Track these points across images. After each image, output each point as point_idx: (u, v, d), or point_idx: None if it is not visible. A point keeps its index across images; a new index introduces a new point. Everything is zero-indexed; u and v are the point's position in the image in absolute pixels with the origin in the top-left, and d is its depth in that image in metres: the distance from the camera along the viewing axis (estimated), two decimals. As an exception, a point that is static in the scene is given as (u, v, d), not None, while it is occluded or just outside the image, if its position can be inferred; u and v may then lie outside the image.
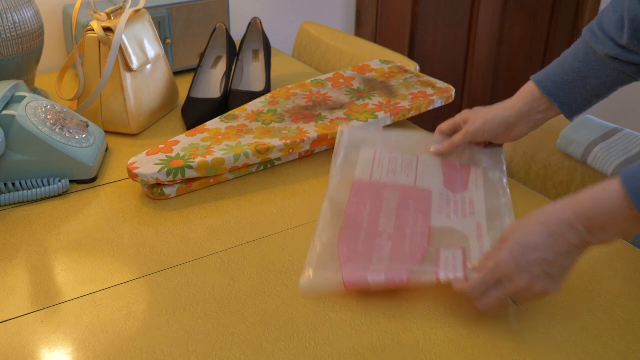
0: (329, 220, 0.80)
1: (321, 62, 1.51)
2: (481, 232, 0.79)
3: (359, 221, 0.80)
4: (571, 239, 0.65)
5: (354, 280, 0.70)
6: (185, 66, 1.36)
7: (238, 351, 0.66)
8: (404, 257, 0.75)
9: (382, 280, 0.70)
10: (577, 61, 0.87)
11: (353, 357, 0.65)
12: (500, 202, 0.86)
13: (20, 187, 0.91)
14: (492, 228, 0.80)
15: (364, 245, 0.76)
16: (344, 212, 0.81)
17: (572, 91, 0.87)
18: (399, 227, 0.80)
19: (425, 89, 1.14)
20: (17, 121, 0.90)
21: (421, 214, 0.82)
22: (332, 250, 0.75)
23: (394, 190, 0.86)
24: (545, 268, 0.65)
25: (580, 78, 0.87)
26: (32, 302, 0.72)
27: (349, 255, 0.74)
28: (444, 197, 0.86)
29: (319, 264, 0.73)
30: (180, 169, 0.90)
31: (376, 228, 0.79)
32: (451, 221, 0.81)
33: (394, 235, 0.78)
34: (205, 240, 0.83)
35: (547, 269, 0.66)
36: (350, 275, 0.71)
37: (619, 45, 0.83)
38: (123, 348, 0.66)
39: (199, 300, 0.73)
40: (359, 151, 0.93)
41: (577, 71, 0.87)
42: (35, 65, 1.11)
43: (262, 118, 1.04)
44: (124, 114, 1.07)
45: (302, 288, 0.71)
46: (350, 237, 0.77)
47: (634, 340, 0.68)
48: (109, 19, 1.07)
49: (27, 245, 0.82)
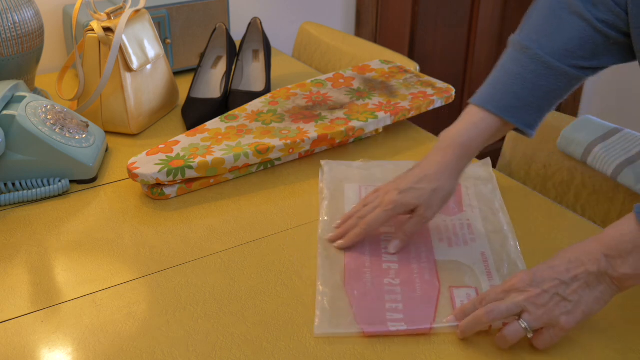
0: (329, 266, 0.77)
1: (321, 62, 1.51)
2: (487, 264, 0.78)
3: (360, 261, 0.78)
4: (589, 266, 0.63)
5: (374, 331, 0.68)
6: (185, 66, 1.36)
7: (238, 351, 0.66)
8: (418, 299, 0.72)
9: (404, 329, 0.68)
10: (527, 72, 0.79)
11: (353, 357, 0.65)
12: (499, 219, 0.85)
13: (20, 187, 0.91)
14: (498, 259, 0.78)
15: (373, 286, 0.74)
16: (343, 254, 0.79)
17: (536, 111, 0.80)
18: (404, 262, 0.78)
19: (425, 89, 1.14)
20: (17, 121, 0.90)
21: (422, 245, 0.81)
22: (341, 294, 0.72)
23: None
24: (559, 290, 0.63)
25: (541, 95, 0.79)
26: (32, 302, 0.72)
27: (360, 298, 0.72)
28: (440, 222, 0.85)
29: (332, 311, 0.70)
30: (180, 169, 0.90)
31: (380, 265, 0.77)
32: (454, 252, 0.80)
33: (401, 271, 0.76)
34: (205, 240, 0.83)
35: (561, 291, 0.63)
36: (369, 327, 0.68)
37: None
38: (123, 348, 0.66)
39: (199, 300, 0.73)
40: (344, 188, 0.92)
41: (537, 87, 0.79)
42: (35, 65, 1.11)
43: (262, 118, 1.04)
44: (124, 114, 1.07)
45: (316, 334, 0.68)
46: (357, 279, 0.75)
47: (634, 340, 0.68)
48: (109, 19, 1.07)
49: (27, 245, 0.82)
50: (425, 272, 0.76)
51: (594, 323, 0.70)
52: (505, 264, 0.78)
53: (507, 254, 0.79)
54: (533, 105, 0.79)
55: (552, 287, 0.63)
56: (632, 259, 0.62)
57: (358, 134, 1.03)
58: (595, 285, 0.64)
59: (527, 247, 0.82)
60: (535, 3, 0.83)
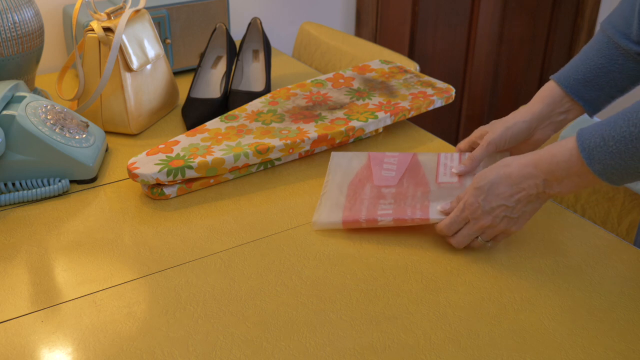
0: (336, 184, 0.91)
1: (321, 62, 1.51)
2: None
3: (362, 183, 0.90)
4: (530, 190, 0.75)
5: (366, 218, 0.82)
6: (185, 66, 1.36)
7: (238, 351, 0.66)
8: (409, 208, 0.84)
9: (390, 220, 0.82)
10: (599, 56, 0.86)
11: (353, 357, 0.65)
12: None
13: (20, 187, 0.91)
14: None
15: (371, 193, 0.88)
16: (349, 181, 0.91)
17: (595, 88, 0.86)
18: (400, 193, 0.88)
19: (425, 89, 1.14)
20: (17, 121, 0.90)
21: (421, 186, 0.89)
22: (340, 191, 0.89)
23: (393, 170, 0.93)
24: (506, 212, 0.76)
25: (603, 74, 0.85)
26: (32, 302, 0.72)
27: (354, 196, 0.87)
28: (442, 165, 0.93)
29: (328, 203, 0.87)
30: (180, 169, 0.90)
31: (380, 190, 0.88)
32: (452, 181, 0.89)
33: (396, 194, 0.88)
34: (205, 240, 0.83)
35: (508, 213, 0.76)
36: (358, 216, 0.83)
37: (633, 41, 0.83)
38: (123, 348, 0.66)
39: (199, 300, 0.73)
40: (350, 162, 0.97)
41: (600, 67, 0.85)
42: (35, 65, 1.11)
43: (262, 118, 1.04)
44: (124, 114, 1.07)
45: (314, 224, 0.85)
46: (357, 186, 0.89)
47: (634, 340, 0.68)
48: (109, 19, 1.07)
49: (27, 245, 0.82)
50: (417, 195, 0.87)
51: (594, 324, 0.70)
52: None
53: None
54: (591, 81, 0.86)
55: (501, 212, 0.77)
56: (566, 182, 0.74)
57: (358, 134, 1.03)
58: (534, 201, 0.77)
59: (527, 247, 0.82)
60: None
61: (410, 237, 0.84)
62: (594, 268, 0.78)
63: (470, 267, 0.78)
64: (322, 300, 0.73)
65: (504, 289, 0.75)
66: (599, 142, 0.70)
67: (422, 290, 0.75)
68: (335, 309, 0.72)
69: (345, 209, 0.85)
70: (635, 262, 0.80)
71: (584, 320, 0.70)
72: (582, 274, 0.77)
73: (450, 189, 0.86)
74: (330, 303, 0.73)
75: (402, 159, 0.94)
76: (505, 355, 0.66)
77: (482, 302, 0.73)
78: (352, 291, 0.74)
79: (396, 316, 0.71)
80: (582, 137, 0.71)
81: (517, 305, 0.72)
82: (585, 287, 0.75)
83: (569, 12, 2.30)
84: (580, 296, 0.74)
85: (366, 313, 0.71)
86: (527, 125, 0.88)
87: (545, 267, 0.78)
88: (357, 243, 0.83)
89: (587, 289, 0.75)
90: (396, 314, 0.71)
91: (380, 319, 0.70)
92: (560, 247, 0.82)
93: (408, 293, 0.74)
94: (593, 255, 0.81)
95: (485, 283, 0.76)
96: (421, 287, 0.75)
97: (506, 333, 0.69)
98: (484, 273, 0.78)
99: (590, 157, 0.70)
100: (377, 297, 0.73)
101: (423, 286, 0.75)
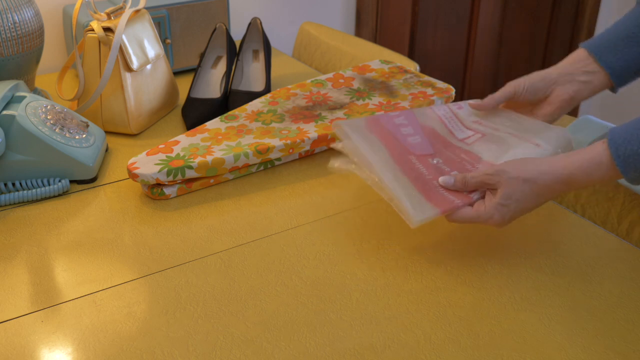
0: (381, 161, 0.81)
1: (321, 62, 1.51)
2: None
3: (403, 157, 0.83)
4: (551, 198, 0.75)
5: (451, 207, 0.76)
6: (185, 66, 1.36)
7: (238, 351, 0.66)
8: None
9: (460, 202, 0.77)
10: (633, 26, 0.83)
11: (353, 357, 0.65)
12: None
13: (20, 187, 0.91)
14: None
15: (427, 170, 0.82)
16: (393, 162, 0.82)
17: (624, 57, 0.84)
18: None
19: (425, 89, 1.14)
20: (17, 121, 0.90)
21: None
22: (406, 182, 0.79)
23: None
24: (516, 214, 0.75)
25: (635, 43, 0.83)
26: (32, 302, 0.72)
27: (418, 178, 0.80)
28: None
29: (413, 200, 0.77)
30: (180, 169, 0.90)
31: (428, 161, 0.83)
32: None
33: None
34: (205, 240, 0.83)
35: (518, 213, 0.75)
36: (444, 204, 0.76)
37: None
38: (123, 348, 0.66)
39: (199, 300, 0.73)
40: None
41: (633, 36, 0.83)
42: (35, 65, 1.11)
43: (262, 118, 1.04)
44: (124, 114, 1.07)
45: (413, 224, 0.74)
46: (409, 167, 0.81)
47: (634, 340, 0.68)
48: (109, 19, 1.07)
49: (27, 245, 0.82)
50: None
51: (594, 324, 0.70)
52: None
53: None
54: (619, 48, 0.83)
55: (514, 215, 0.75)
56: (589, 187, 0.74)
57: (358, 134, 1.03)
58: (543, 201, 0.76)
59: (527, 247, 0.82)
60: None
61: (410, 237, 0.84)
62: (594, 268, 0.78)
63: (470, 267, 0.78)
64: (322, 300, 0.73)
65: (504, 289, 0.75)
66: (637, 149, 0.68)
67: (422, 290, 0.75)
68: (335, 309, 0.72)
69: (428, 198, 0.77)
70: (635, 262, 0.80)
71: (584, 320, 0.70)
72: (582, 274, 0.77)
73: (476, 142, 0.86)
74: (330, 303, 0.73)
75: (409, 118, 0.89)
76: (505, 355, 0.66)
77: (482, 302, 0.73)
78: (352, 291, 0.74)
79: (396, 316, 0.71)
80: (615, 143, 0.69)
81: (517, 305, 0.72)
82: (585, 287, 0.75)
83: (569, 12, 2.30)
84: (580, 296, 0.74)
85: (366, 313, 0.71)
86: (545, 75, 0.85)
87: (545, 267, 0.78)
88: (357, 243, 0.83)
89: (587, 289, 0.75)
90: (396, 314, 0.71)
91: (380, 319, 0.70)
92: (560, 247, 0.82)
93: (408, 293, 0.74)
94: (593, 255, 0.81)
95: (485, 283, 0.76)
96: (421, 287, 0.75)
97: (506, 333, 0.69)
98: (484, 273, 0.78)
99: (626, 165, 0.68)
100: (377, 297, 0.73)
101: (423, 286, 0.75)
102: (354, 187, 0.95)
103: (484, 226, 0.85)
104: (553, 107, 0.87)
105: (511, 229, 0.85)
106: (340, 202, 0.91)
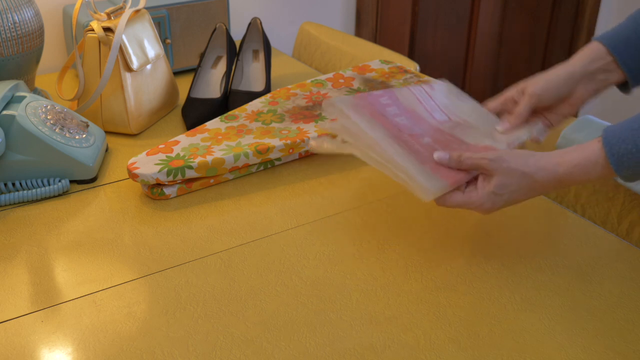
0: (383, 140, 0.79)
1: (321, 62, 1.51)
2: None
3: (396, 130, 0.82)
4: (543, 193, 0.76)
5: (457, 179, 0.76)
6: (185, 66, 1.36)
7: (238, 351, 0.66)
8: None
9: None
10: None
11: (353, 357, 0.65)
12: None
13: (20, 187, 0.91)
14: None
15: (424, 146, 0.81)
16: (390, 136, 0.80)
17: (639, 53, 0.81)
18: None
19: (425, 89, 1.14)
20: (17, 121, 0.90)
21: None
22: (411, 158, 0.78)
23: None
24: (507, 205, 0.76)
25: None
26: (32, 302, 0.72)
27: (418, 152, 0.79)
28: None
29: (424, 174, 0.77)
30: (180, 169, 0.90)
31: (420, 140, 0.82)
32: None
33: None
34: (205, 240, 0.83)
35: (509, 204, 0.76)
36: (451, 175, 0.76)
37: None
38: (123, 348, 0.66)
39: (199, 300, 0.73)
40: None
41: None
42: (35, 65, 1.11)
43: (262, 118, 1.04)
44: (124, 114, 1.07)
45: (430, 198, 0.74)
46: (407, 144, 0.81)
47: (634, 340, 0.68)
48: (109, 19, 1.07)
49: (27, 245, 0.82)
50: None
51: (594, 324, 0.70)
52: None
53: None
54: (636, 44, 0.81)
55: (504, 205, 0.75)
56: (584, 184, 0.73)
57: (358, 134, 1.03)
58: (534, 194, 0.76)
59: (527, 247, 0.82)
60: None
61: (410, 237, 0.84)
62: (594, 268, 0.78)
63: (470, 267, 0.78)
64: (322, 300, 0.73)
65: (504, 289, 0.75)
66: (631, 149, 0.68)
67: (422, 290, 0.75)
68: (335, 309, 0.72)
69: (434, 172, 0.77)
70: (635, 262, 0.80)
71: (584, 320, 0.70)
72: (582, 274, 0.77)
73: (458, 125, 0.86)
74: (330, 303, 0.73)
75: (392, 98, 0.88)
76: (505, 355, 0.66)
77: (482, 302, 0.73)
78: (352, 291, 0.74)
79: (396, 316, 0.71)
80: (610, 143, 0.69)
81: (517, 305, 0.72)
82: (585, 287, 0.75)
83: (569, 12, 2.30)
84: (580, 296, 0.74)
85: (366, 313, 0.71)
86: (570, 77, 0.83)
87: (545, 267, 0.78)
88: (357, 243, 0.83)
89: (587, 289, 0.75)
90: (396, 314, 0.71)
91: (380, 319, 0.70)
92: (560, 247, 0.82)
93: (408, 293, 0.74)
94: (593, 255, 0.81)
95: (485, 283, 0.76)
96: (421, 287, 0.75)
97: (506, 333, 0.69)
98: (484, 273, 0.78)
99: (619, 164, 0.69)
100: (377, 297, 0.73)
101: (423, 286, 0.75)
102: (354, 187, 0.95)
103: (484, 226, 0.86)
104: (573, 108, 0.86)
105: (511, 229, 0.85)
106: (340, 202, 0.91)
